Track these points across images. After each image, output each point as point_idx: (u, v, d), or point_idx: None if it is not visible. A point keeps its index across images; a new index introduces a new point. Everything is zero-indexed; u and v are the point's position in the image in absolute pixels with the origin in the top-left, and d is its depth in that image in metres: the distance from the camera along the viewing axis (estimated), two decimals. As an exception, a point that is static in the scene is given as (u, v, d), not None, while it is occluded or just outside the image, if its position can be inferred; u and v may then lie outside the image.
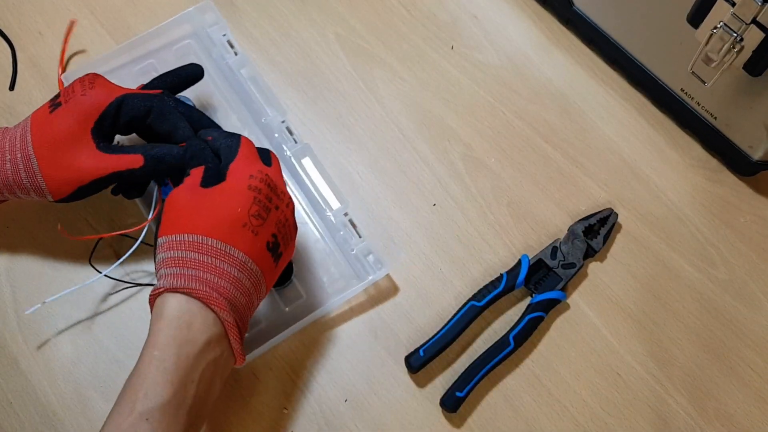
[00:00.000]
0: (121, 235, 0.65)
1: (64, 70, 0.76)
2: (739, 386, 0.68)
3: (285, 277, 0.68)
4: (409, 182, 0.74)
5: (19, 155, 0.60)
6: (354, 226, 0.69)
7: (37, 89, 0.76)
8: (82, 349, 0.66)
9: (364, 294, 0.69)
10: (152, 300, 0.54)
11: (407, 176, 0.74)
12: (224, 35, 0.75)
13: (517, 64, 0.80)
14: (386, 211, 0.73)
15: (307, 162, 0.71)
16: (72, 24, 0.77)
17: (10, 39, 0.77)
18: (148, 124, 0.63)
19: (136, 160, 0.61)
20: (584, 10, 0.77)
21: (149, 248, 0.67)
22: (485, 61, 0.80)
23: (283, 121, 0.72)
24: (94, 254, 0.67)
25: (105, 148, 0.61)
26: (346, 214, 0.69)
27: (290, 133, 0.72)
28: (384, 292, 0.69)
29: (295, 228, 0.60)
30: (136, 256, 0.65)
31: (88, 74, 0.63)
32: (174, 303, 0.52)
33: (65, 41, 0.76)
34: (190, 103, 0.71)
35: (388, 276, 0.70)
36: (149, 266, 0.68)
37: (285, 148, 0.71)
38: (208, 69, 0.75)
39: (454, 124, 0.77)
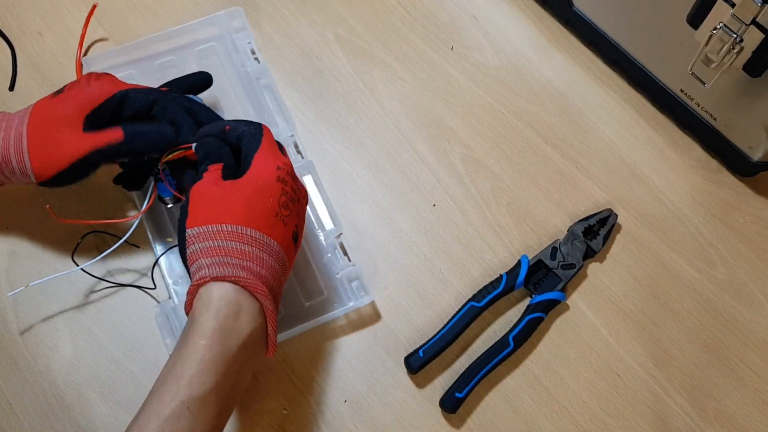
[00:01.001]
0: (110, 224, 0.66)
1: (84, 53, 0.76)
2: (739, 387, 0.68)
3: None
4: (408, 183, 0.74)
5: (12, 133, 0.61)
6: (344, 250, 0.69)
7: (37, 90, 0.76)
8: (81, 350, 0.66)
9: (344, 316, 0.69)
10: (194, 290, 0.53)
11: (407, 177, 0.74)
12: (249, 43, 0.76)
13: (517, 65, 0.80)
14: (385, 212, 0.73)
15: (308, 179, 0.71)
16: (94, 8, 0.76)
17: (10, 40, 0.77)
18: (152, 116, 0.63)
19: (115, 135, 0.61)
20: (584, 10, 0.77)
21: (134, 249, 0.68)
22: (485, 61, 0.80)
23: (291, 135, 0.72)
24: (78, 249, 0.67)
25: (89, 130, 0.61)
26: (338, 237, 0.69)
27: (296, 147, 0.73)
28: (365, 319, 0.69)
29: (305, 215, 0.61)
30: (119, 254, 0.67)
31: (93, 73, 0.64)
32: (221, 292, 0.52)
33: (85, 26, 0.76)
34: (200, 101, 0.71)
35: (372, 304, 0.69)
36: (132, 265, 0.69)
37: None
38: (227, 73, 0.76)
39: (454, 124, 0.77)
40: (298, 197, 0.58)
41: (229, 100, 0.75)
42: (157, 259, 0.67)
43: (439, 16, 0.82)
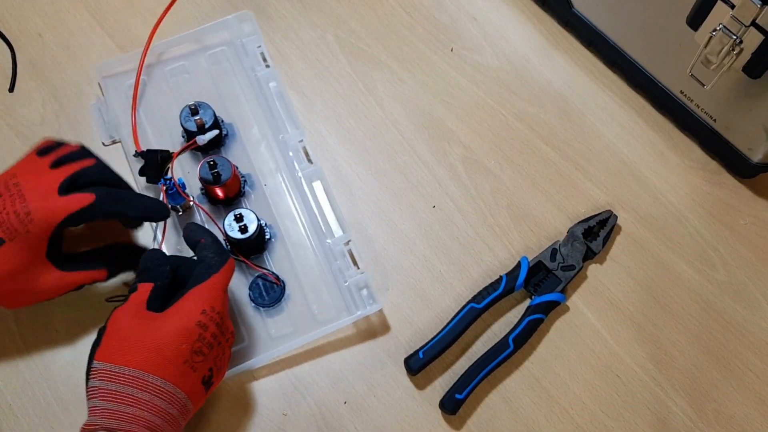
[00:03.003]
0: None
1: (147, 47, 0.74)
2: (739, 388, 0.68)
3: (275, 299, 0.67)
4: (408, 184, 0.74)
5: None
6: (353, 257, 0.69)
7: (36, 91, 0.76)
8: (81, 352, 0.66)
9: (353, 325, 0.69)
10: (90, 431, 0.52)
11: (407, 178, 0.74)
12: (258, 47, 0.76)
13: (517, 66, 0.80)
14: (386, 214, 0.73)
15: (317, 185, 0.71)
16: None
17: (10, 41, 0.77)
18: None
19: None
20: (584, 12, 0.77)
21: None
22: (485, 63, 0.80)
23: (300, 141, 0.72)
24: None
25: (66, 266, 0.61)
26: (346, 244, 0.69)
27: (306, 154, 0.73)
28: (374, 328, 0.69)
29: (229, 357, 0.60)
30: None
31: (13, 189, 0.59)
32: None
33: (165, 12, 0.74)
34: (210, 110, 0.71)
35: (380, 312, 0.69)
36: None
37: (297, 168, 0.71)
38: (237, 77, 0.76)
39: (454, 126, 0.77)
40: (220, 341, 0.57)
41: (239, 106, 0.75)
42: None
43: (439, 18, 0.82)
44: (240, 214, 0.66)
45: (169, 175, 0.67)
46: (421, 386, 0.67)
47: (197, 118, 0.70)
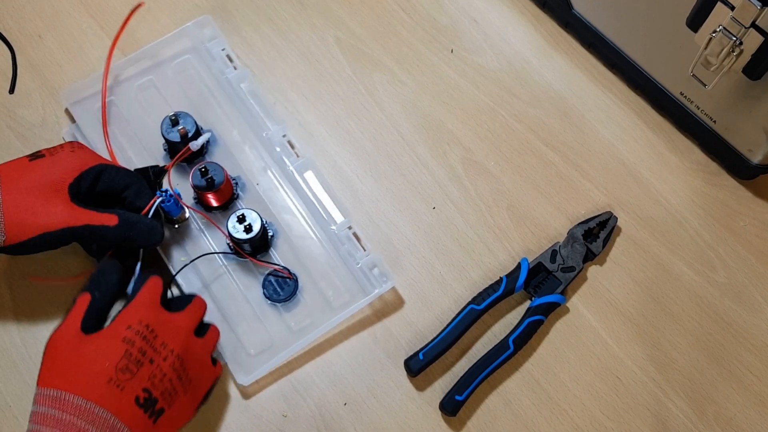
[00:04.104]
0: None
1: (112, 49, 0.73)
2: (739, 390, 0.68)
3: (290, 293, 0.68)
4: (408, 186, 0.74)
5: None
6: (358, 239, 0.69)
7: (37, 92, 0.76)
8: (81, 353, 0.66)
9: (368, 306, 0.69)
10: None
11: (407, 180, 0.74)
12: (223, 49, 0.75)
13: (517, 68, 0.80)
14: (386, 215, 0.73)
15: (309, 176, 0.71)
16: (138, 6, 0.74)
17: (10, 42, 0.77)
18: (124, 197, 0.64)
19: (110, 218, 0.60)
20: (584, 13, 0.77)
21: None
22: (485, 64, 0.80)
23: (284, 135, 0.72)
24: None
25: (79, 204, 0.61)
26: (350, 228, 0.69)
27: (292, 147, 0.73)
28: (390, 305, 0.69)
29: (186, 382, 0.57)
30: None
31: (74, 141, 0.64)
32: None
33: (126, 20, 0.73)
34: (190, 119, 0.70)
35: (393, 288, 0.69)
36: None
37: (287, 162, 0.71)
38: (207, 84, 0.75)
39: (454, 127, 0.77)
40: (152, 359, 0.54)
41: (214, 111, 0.74)
42: (173, 277, 0.67)
43: (439, 19, 0.82)
44: (242, 214, 0.66)
45: (165, 187, 0.67)
46: (421, 388, 0.67)
47: (179, 128, 0.69)
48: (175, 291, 0.68)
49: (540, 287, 0.69)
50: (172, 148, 0.71)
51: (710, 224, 0.74)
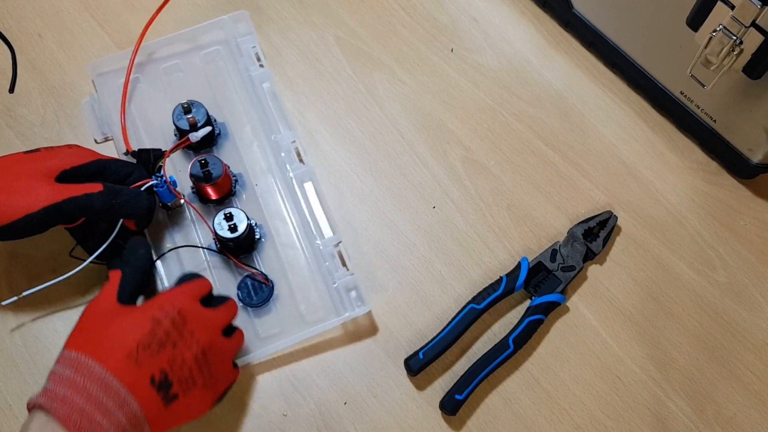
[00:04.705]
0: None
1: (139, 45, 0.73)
2: (739, 389, 0.68)
3: (263, 299, 0.67)
4: (408, 185, 0.74)
5: None
6: (343, 259, 0.68)
7: (37, 91, 0.76)
8: (81, 352, 0.66)
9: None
10: (28, 408, 0.52)
11: (407, 179, 0.74)
12: (253, 47, 0.76)
13: (517, 67, 0.80)
14: (386, 214, 0.73)
15: (308, 186, 0.71)
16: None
17: (10, 41, 0.77)
18: (126, 184, 0.64)
19: (95, 186, 0.60)
20: (584, 13, 0.77)
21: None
22: (485, 63, 0.80)
23: (293, 141, 0.72)
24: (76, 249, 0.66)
25: (63, 183, 0.61)
26: (336, 245, 0.69)
27: (298, 155, 0.72)
28: (361, 329, 0.69)
29: (207, 375, 0.57)
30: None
31: (73, 144, 0.65)
32: (35, 424, 0.50)
33: (158, 11, 0.73)
34: (203, 109, 0.71)
35: (369, 314, 0.69)
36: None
37: (289, 168, 0.71)
38: (231, 77, 0.76)
39: (454, 126, 0.77)
40: (176, 343, 0.54)
41: (232, 105, 0.75)
42: (153, 263, 0.67)
43: (440, 19, 0.82)
44: (230, 213, 0.66)
45: (161, 172, 0.67)
46: (421, 387, 0.67)
47: (189, 116, 0.70)
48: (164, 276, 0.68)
49: (540, 286, 0.69)
50: (181, 135, 0.71)
51: (710, 223, 0.74)
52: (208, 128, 0.70)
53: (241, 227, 0.66)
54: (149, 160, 0.68)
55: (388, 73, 0.79)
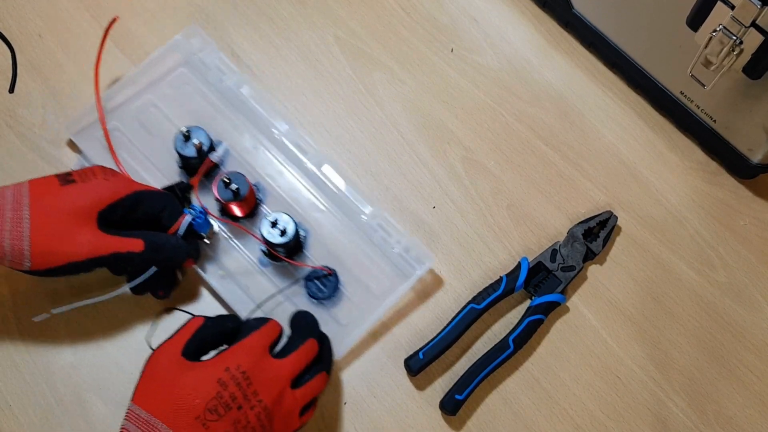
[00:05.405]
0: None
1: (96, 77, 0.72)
2: (739, 389, 0.68)
3: (333, 289, 0.67)
4: (408, 185, 0.74)
5: (8, 215, 0.58)
6: (389, 226, 0.69)
7: (37, 92, 0.76)
8: (81, 353, 0.66)
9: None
10: None
11: (406, 178, 0.74)
12: (217, 56, 0.74)
13: (517, 67, 0.80)
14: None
15: (327, 169, 0.71)
16: (113, 21, 0.73)
17: (10, 41, 0.77)
18: (160, 218, 0.64)
19: (136, 244, 0.61)
20: (584, 13, 0.77)
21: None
22: (485, 63, 0.80)
23: (294, 133, 0.72)
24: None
25: (106, 231, 0.61)
26: (381, 213, 0.69)
27: (299, 146, 0.72)
28: (430, 286, 0.69)
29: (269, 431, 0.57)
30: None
31: (106, 167, 0.64)
32: None
33: (103, 39, 0.72)
34: (202, 132, 0.70)
35: (431, 270, 0.70)
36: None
37: (304, 159, 0.71)
38: (207, 94, 0.74)
39: (454, 126, 0.77)
40: (240, 405, 0.54)
41: (219, 120, 0.73)
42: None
43: (439, 19, 0.82)
44: (274, 219, 0.66)
45: (193, 204, 0.66)
46: (421, 387, 0.67)
47: (195, 142, 0.69)
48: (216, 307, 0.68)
49: (540, 286, 0.69)
50: (186, 163, 0.70)
51: (710, 223, 0.74)
52: (224, 145, 0.70)
53: (290, 228, 0.65)
54: (177, 195, 0.67)
55: (388, 73, 0.79)
